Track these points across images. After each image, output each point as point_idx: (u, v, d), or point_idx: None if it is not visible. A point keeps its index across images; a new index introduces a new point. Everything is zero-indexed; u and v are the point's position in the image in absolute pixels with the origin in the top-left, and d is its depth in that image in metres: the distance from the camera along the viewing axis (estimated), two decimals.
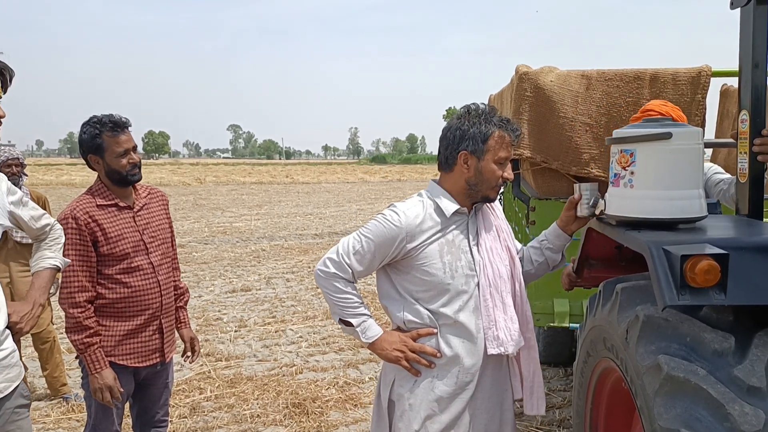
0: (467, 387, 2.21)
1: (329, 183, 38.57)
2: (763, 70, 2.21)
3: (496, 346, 2.19)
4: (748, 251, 1.72)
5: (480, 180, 2.17)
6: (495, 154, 2.15)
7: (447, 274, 2.16)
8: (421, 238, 2.15)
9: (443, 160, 2.23)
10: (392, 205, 2.21)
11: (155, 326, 2.77)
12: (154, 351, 2.78)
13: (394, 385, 2.25)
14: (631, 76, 3.49)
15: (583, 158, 3.55)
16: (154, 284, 2.73)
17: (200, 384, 4.94)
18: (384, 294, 2.27)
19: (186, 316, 3.04)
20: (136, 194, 2.80)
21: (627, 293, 2.03)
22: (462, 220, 2.23)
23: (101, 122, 2.61)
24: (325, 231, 14.83)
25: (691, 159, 2.00)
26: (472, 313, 2.19)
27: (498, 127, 2.15)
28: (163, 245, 2.82)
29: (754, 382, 1.64)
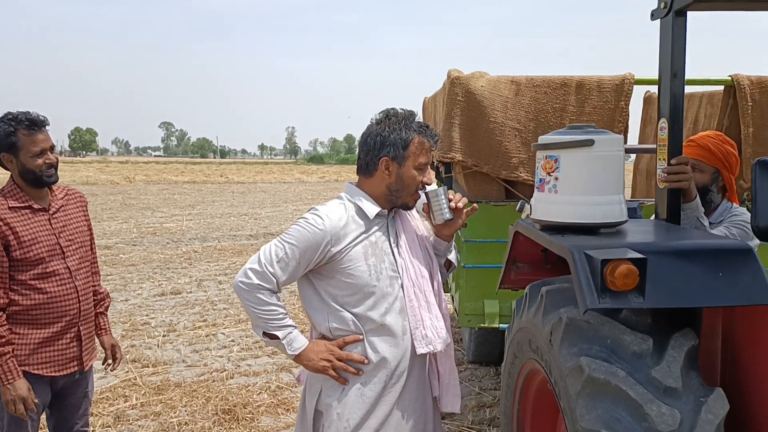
0: (395, 388, 2.21)
1: (265, 183, 38.05)
2: (681, 79, 2.29)
3: (424, 345, 2.21)
4: (666, 255, 1.78)
5: (401, 186, 2.18)
6: (415, 160, 2.17)
7: (372, 277, 2.15)
8: (346, 241, 2.13)
9: (363, 165, 2.22)
10: (314, 209, 2.18)
11: (73, 333, 2.65)
12: (71, 359, 2.66)
13: (321, 395, 2.22)
14: (558, 83, 3.58)
15: (513, 162, 3.62)
16: (72, 290, 2.62)
17: (125, 391, 4.76)
18: (307, 302, 2.24)
19: (106, 323, 2.92)
20: (53, 195, 2.66)
21: (551, 296, 2.06)
22: (382, 223, 2.23)
23: (17, 119, 2.49)
24: (260, 232, 14.60)
25: (612, 165, 2.05)
26: (398, 314, 2.19)
27: (418, 133, 2.16)
28: (81, 249, 2.70)
29: (670, 382, 1.70)
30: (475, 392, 4.82)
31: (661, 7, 2.27)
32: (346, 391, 2.18)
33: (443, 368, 2.32)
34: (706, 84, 3.95)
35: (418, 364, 2.27)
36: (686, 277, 1.75)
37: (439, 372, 2.33)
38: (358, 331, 2.17)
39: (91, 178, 36.48)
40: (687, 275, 1.75)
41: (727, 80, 3.71)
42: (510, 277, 2.63)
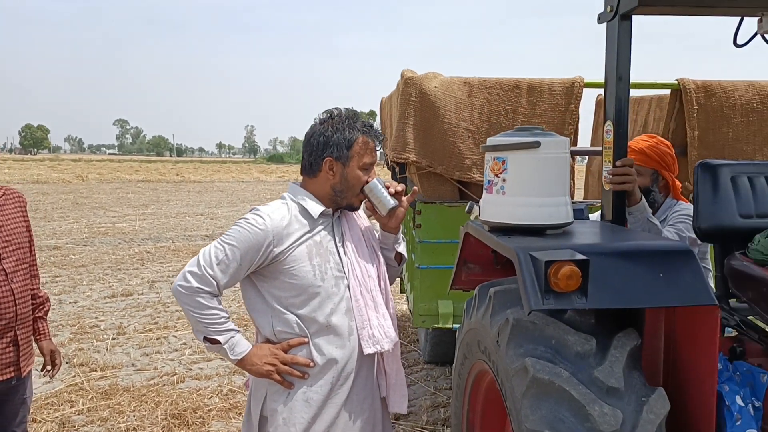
0: (342, 389, 2.18)
1: (223, 182, 37.53)
2: (626, 82, 2.33)
3: (372, 345, 2.19)
4: (608, 256, 1.80)
5: (346, 186, 2.16)
6: (360, 160, 2.15)
7: (317, 277, 2.12)
8: (289, 241, 2.09)
9: (307, 166, 2.20)
10: (255, 209, 2.13)
11: (9, 338, 2.54)
12: (8, 365, 2.55)
13: (266, 400, 2.18)
14: (510, 85, 3.61)
15: (466, 163, 3.63)
16: (7, 293, 2.51)
17: (71, 396, 4.62)
18: (250, 305, 2.20)
19: (46, 327, 2.81)
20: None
21: (499, 297, 2.07)
22: (327, 222, 2.20)
23: None
24: (216, 232, 14.38)
25: (558, 167, 2.07)
26: (344, 315, 2.16)
27: (362, 132, 2.14)
28: (18, 251, 2.59)
29: (612, 382, 1.72)
30: (430, 392, 4.83)
31: (608, 11, 2.30)
32: (292, 395, 2.14)
33: (390, 368, 2.30)
34: (652, 87, 4.04)
35: (366, 365, 2.25)
36: (628, 277, 1.77)
37: (386, 372, 2.31)
38: (302, 333, 2.13)
39: (42, 176, 35.44)
40: (629, 276, 1.77)
41: (674, 84, 3.80)
42: (461, 278, 2.63)
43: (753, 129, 3.79)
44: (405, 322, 6.70)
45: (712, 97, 3.75)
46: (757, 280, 2.19)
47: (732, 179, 2.49)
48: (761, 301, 2.17)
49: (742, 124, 3.77)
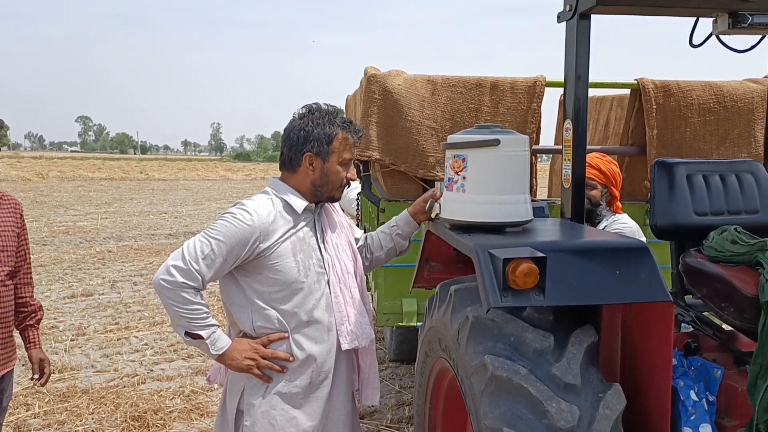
0: (322, 385, 2.20)
1: (188, 180, 37.01)
2: (585, 81, 2.35)
3: (349, 341, 2.21)
4: (565, 254, 1.81)
5: (326, 181, 2.18)
6: (340, 156, 2.17)
7: (300, 273, 2.13)
8: (275, 236, 2.10)
9: (287, 161, 2.21)
10: (240, 203, 2.12)
11: None
12: None
13: (244, 394, 2.16)
14: (473, 84, 3.62)
15: (429, 161, 3.63)
16: None
17: (27, 399, 4.49)
18: (229, 299, 2.17)
19: (36, 336, 2.79)
20: None
21: (459, 295, 2.07)
22: (309, 218, 2.22)
23: None
24: (181, 230, 14.17)
25: (518, 165, 2.07)
26: (324, 310, 2.18)
27: (342, 128, 2.17)
28: (2, 253, 2.58)
29: (570, 379, 1.73)
30: (395, 390, 4.83)
31: (566, 10, 2.32)
32: (271, 389, 2.14)
33: (364, 363, 2.33)
34: (612, 87, 4.09)
35: (344, 360, 2.27)
36: (585, 274, 1.78)
37: (360, 366, 2.34)
38: (282, 328, 2.13)
39: (1, 174, 34.48)
40: (586, 273, 1.78)
41: (633, 84, 3.85)
42: (423, 276, 2.63)
43: (709, 128, 3.86)
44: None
45: (671, 96, 3.81)
46: (711, 276, 2.23)
47: (688, 177, 2.53)
48: (715, 297, 2.21)
49: (699, 123, 3.84)
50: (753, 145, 3.91)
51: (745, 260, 2.19)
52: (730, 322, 2.18)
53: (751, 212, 2.53)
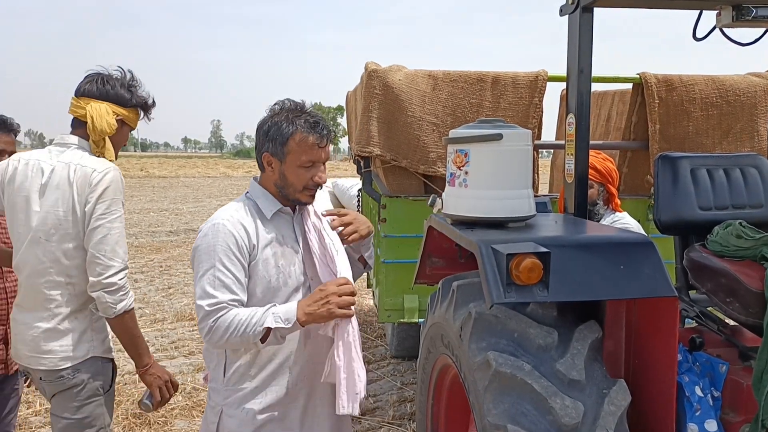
0: (300, 395, 2.12)
1: (188, 177, 37.01)
2: (587, 75, 2.33)
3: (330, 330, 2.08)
4: (569, 249, 1.79)
5: (285, 184, 2.05)
6: (297, 158, 2.01)
7: (280, 280, 2.05)
8: (254, 241, 2.02)
9: (257, 160, 2.11)
10: (212, 219, 2.04)
11: (0, 335, 2.58)
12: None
13: (222, 413, 2.10)
14: (475, 78, 3.60)
15: (431, 157, 3.61)
16: (0, 291, 2.56)
17: (28, 397, 4.47)
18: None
19: None
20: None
21: (462, 290, 2.06)
22: (288, 221, 2.13)
23: None
24: (181, 228, 14.17)
25: (520, 160, 2.06)
26: None
27: (301, 128, 1.99)
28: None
29: (574, 375, 1.72)
30: (397, 387, 4.82)
31: (569, 3, 2.30)
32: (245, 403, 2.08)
33: (341, 360, 2.07)
34: (614, 81, 4.07)
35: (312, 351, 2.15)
36: (589, 270, 1.76)
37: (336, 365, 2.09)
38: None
39: None
40: (590, 268, 1.77)
41: (635, 78, 3.83)
42: (425, 272, 2.62)
43: (712, 123, 3.84)
44: (372, 317, 6.68)
45: (673, 91, 3.79)
46: (716, 271, 2.21)
47: (692, 172, 2.51)
48: (720, 292, 2.20)
49: (701, 117, 3.82)
50: (756, 140, 3.89)
51: (750, 255, 2.17)
52: (735, 317, 2.17)
53: (756, 206, 2.51)
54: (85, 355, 2.23)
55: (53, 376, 2.21)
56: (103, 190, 2.15)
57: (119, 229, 2.19)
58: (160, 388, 2.34)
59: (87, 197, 2.14)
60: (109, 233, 2.15)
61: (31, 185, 2.18)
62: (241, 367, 2.08)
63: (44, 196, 2.16)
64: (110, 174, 2.19)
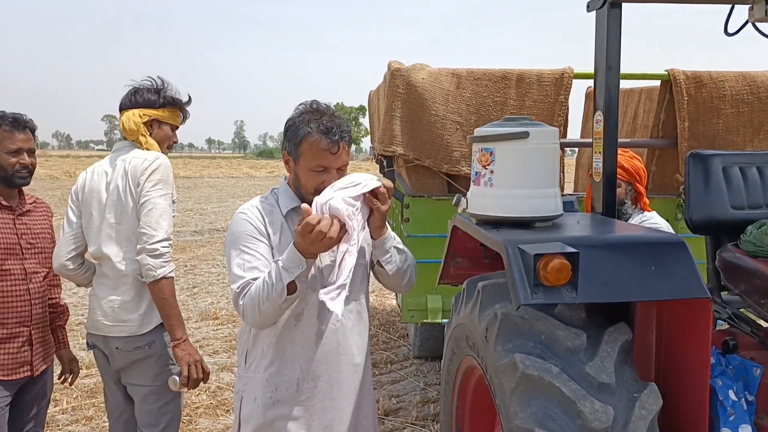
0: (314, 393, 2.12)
1: (212, 177, 37.35)
2: (616, 72, 2.28)
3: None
4: (598, 249, 1.75)
5: (299, 184, 2.07)
6: (308, 162, 2.00)
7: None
8: (272, 232, 2.07)
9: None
10: (238, 211, 2.11)
11: (24, 337, 2.58)
12: (22, 364, 2.58)
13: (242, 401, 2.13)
14: (499, 76, 3.56)
15: (454, 156, 3.58)
16: (24, 292, 2.57)
17: (56, 395, 4.53)
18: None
19: (65, 336, 2.90)
20: (21, 199, 2.66)
21: (487, 291, 2.02)
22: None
23: (3, 117, 2.54)
24: (205, 227, 14.29)
25: (547, 158, 2.02)
26: (316, 318, 2.10)
27: (315, 131, 1.96)
28: (41, 254, 2.66)
29: (604, 378, 1.68)
30: (420, 388, 4.80)
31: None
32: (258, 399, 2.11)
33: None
34: (642, 78, 4.00)
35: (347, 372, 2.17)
36: (619, 271, 1.72)
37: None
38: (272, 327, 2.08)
39: None
40: (620, 269, 1.73)
41: (664, 75, 3.76)
42: (449, 272, 2.59)
43: (743, 120, 3.75)
44: (394, 317, 6.66)
45: (703, 87, 3.71)
46: (749, 272, 2.15)
47: (723, 170, 2.45)
48: (753, 293, 2.14)
49: (732, 114, 3.73)
50: None
51: None
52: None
53: None
54: (158, 322, 2.50)
55: (131, 346, 2.49)
56: (151, 172, 2.44)
57: (164, 205, 2.44)
58: (190, 366, 2.46)
59: (138, 180, 2.44)
60: (154, 207, 2.42)
61: (99, 186, 2.52)
62: (258, 355, 2.11)
63: (109, 190, 2.49)
64: (158, 160, 2.49)
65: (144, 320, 2.49)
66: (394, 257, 2.16)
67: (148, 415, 2.57)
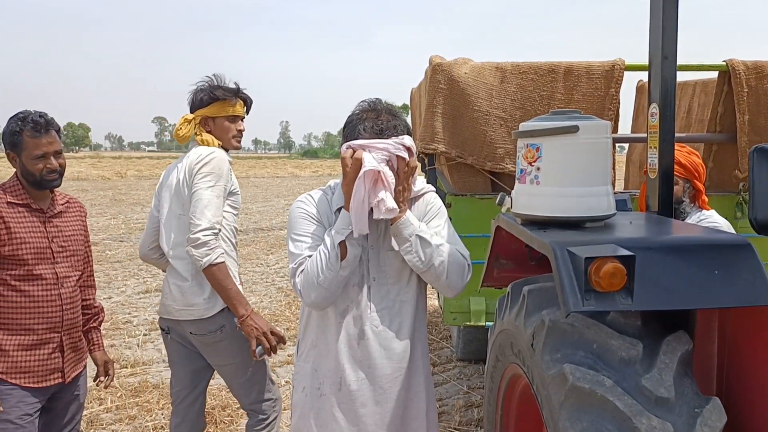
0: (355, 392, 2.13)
1: (258, 177, 37.82)
2: (672, 61, 2.13)
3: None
4: (656, 252, 1.62)
5: None
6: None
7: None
8: (324, 222, 2.13)
9: None
10: (297, 198, 2.22)
11: (55, 343, 2.53)
12: (53, 371, 2.53)
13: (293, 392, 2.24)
14: (545, 69, 3.42)
15: (498, 153, 3.45)
16: (55, 297, 2.50)
17: (100, 394, 4.59)
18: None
19: (99, 338, 2.83)
20: (53, 200, 2.59)
21: (534, 296, 1.91)
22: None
23: (24, 119, 2.45)
24: (251, 227, 14.42)
25: (598, 154, 1.89)
26: (357, 319, 2.13)
27: (367, 130, 2.01)
28: (72, 257, 2.60)
29: (662, 392, 1.54)
30: (463, 391, 4.68)
31: None
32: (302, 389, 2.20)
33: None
34: (699, 69, 3.79)
35: (393, 377, 2.17)
36: (679, 275, 1.58)
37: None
38: (321, 319, 2.17)
39: (83, 173, 36.23)
40: (680, 274, 1.59)
41: (722, 65, 3.55)
42: (493, 275, 2.47)
43: None
44: (437, 318, 6.54)
45: (764, 78, 3.49)
46: None
47: None
48: None
49: None
50: None
51: None
52: None
53: None
54: (223, 305, 2.62)
55: (204, 330, 2.64)
56: (201, 165, 2.59)
57: (209, 196, 2.55)
58: (259, 338, 2.55)
59: (192, 173, 2.60)
60: (201, 198, 2.54)
61: (170, 181, 2.72)
62: (308, 346, 2.19)
63: (174, 184, 2.69)
64: (211, 155, 2.63)
65: (209, 303, 2.61)
66: (415, 248, 2.03)
67: (239, 387, 2.80)
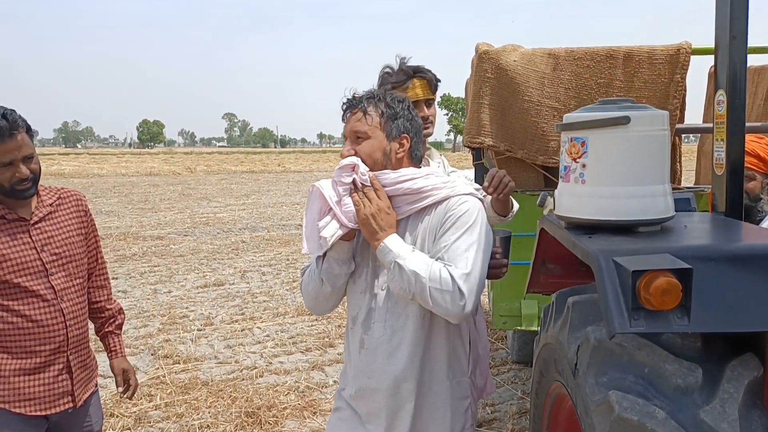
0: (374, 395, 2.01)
1: (321, 171, 38.12)
2: (741, 42, 1.87)
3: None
4: (718, 263, 1.39)
5: None
6: None
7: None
8: None
9: None
10: None
11: (61, 365, 2.22)
12: (62, 395, 2.23)
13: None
14: (603, 55, 3.15)
15: (551, 146, 3.22)
16: (56, 314, 2.19)
17: (151, 390, 4.62)
18: None
19: (117, 343, 2.51)
20: (39, 202, 2.24)
21: (579, 309, 1.70)
22: None
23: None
24: None
25: (654, 148, 1.66)
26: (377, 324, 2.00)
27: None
28: (71, 264, 2.27)
29: (724, 428, 1.32)
30: (517, 396, 4.45)
31: None
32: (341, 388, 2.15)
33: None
34: None
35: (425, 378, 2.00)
36: (746, 291, 1.35)
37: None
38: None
39: (155, 168, 37.47)
40: (747, 289, 1.36)
41: None
42: (539, 280, 2.27)
43: None
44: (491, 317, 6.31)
45: None
46: None
47: None
48: None
49: None
50: None
51: None
52: None
53: None
54: None
55: None
56: None
57: None
58: None
59: None
60: None
61: None
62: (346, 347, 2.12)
63: None
64: None
65: None
66: (395, 276, 1.83)
67: None
